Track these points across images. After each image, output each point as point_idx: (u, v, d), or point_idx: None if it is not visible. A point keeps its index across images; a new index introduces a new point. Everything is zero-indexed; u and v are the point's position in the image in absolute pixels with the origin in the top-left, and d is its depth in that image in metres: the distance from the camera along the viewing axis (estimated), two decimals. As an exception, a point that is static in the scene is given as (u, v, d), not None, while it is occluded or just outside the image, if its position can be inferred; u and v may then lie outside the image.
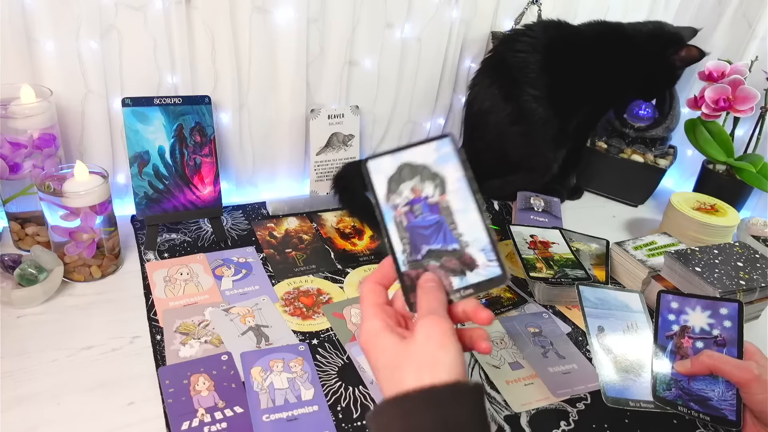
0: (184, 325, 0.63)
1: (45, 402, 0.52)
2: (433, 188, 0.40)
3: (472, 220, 0.39)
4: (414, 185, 0.41)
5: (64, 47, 0.71)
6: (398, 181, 0.41)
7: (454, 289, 0.39)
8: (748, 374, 0.51)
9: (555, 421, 0.56)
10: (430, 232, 0.40)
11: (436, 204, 0.40)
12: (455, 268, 0.39)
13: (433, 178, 0.40)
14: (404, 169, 0.41)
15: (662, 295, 0.63)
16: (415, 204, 0.40)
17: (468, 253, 0.39)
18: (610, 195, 1.08)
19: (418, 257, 0.40)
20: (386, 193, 0.41)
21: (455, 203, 0.39)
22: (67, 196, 0.64)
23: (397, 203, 0.41)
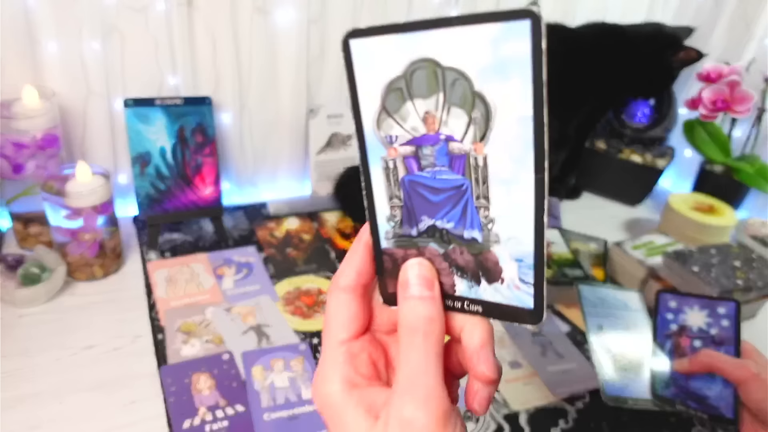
0: (186, 325, 0.64)
1: (47, 401, 0.53)
2: (464, 124, 0.22)
3: (520, 204, 0.22)
4: (430, 109, 0.23)
5: (66, 48, 0.71)
6: (404, 93, 0.23)
7: (455, 294, 0.25)
8: (746, 372, 0.51)
9: (554, 420, 0.57)
10: (442, 199, 0.24)
11: (464, 155, 0.23)
12: (466, 267, 0.25)
13: (471, 105, 0.21)
14: (419, 73, 0.22)
15: (661, 294, 0.63)
16: (425, 145, 0.23)
17: (493, 254, 0.24)
18: (608, 195, 1.08)
19: (413, 232, 0.25)
20: (378, 112, 0.24)
21: (499, 165, 0.22)
22: (70, 196, 0.64)
23: (393, 136, 0.24)
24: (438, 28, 0.21)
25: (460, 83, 0.21)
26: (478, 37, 0.20)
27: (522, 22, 0.19)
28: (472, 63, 0.21)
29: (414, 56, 0.22)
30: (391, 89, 0.23)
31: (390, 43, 0.22)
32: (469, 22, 0.20)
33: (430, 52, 0.21)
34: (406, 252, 0.26)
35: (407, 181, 0.25)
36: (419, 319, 0.24)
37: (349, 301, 0.26)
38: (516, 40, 0.19)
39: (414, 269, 0.25)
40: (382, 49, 0.22)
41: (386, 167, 0.25)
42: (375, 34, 0.22)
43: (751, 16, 1.00)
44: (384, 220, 0.26)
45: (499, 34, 0.20)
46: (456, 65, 0.21)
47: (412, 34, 0.21)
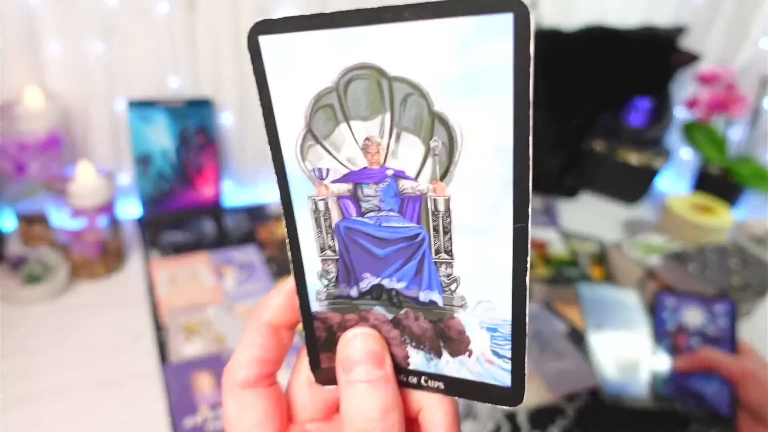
0: (188, 324, 0.64)
1: (49, 399, 0.53)
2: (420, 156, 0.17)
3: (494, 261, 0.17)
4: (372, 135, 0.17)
5: (69, 49, 0.72)
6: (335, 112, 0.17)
7: (409, 368, 0.20)
8: (742, 371, 0.52)
9: (552, 418, 0.57)
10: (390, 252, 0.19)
11: (418, 197, 0.18)
12: (423, 337, 0.20)
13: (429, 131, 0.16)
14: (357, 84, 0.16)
15: (659, 293, 0.64)
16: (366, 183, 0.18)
17: (458, 321, 0.19)
18: (605, 195, 1.09)
19: (352, 292, 0.20)
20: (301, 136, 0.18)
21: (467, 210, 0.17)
22: (73, 196, 0.65)
23: (324, 169, 0.18)
24: (383, 23, 0.15)
25: (415, 100, 0.16)
26: (439, 36, 0.15)
27: (503, 16, 0.14)
28: (431, 72, 0.15)
29: (349, 61, 0.16)
30: (318, 106, 0.17)
31: (316, 42, 0.16)
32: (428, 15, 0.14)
33: (371, 57, 0.16)
34: (344, 318, 0.20)
35: (343, 229, 0.19)
36: (372, 411, 0.18)
37: (254, 399, 0.20)
38: (493, 41, 0.14)
39: (357, 342, 0.19)
40: (305, 49, 0.16)
41: (315, 210, 0.19)
42: (294, 29, 0.16)
43: (747, 18, 1.01)
44: (315, 276, 0.20)
45: (470, 32, 0.14)
46: (408, 75, 0.16)
47: (347, 30, 0.15)
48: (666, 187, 1.15)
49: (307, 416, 0.21)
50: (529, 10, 0.14)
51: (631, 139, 1.05)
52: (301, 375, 0.21)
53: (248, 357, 0.20)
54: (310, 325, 0.21)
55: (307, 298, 0.21)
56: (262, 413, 0.20)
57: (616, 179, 1.06)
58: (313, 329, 0.21)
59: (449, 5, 0.14)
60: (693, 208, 0.90)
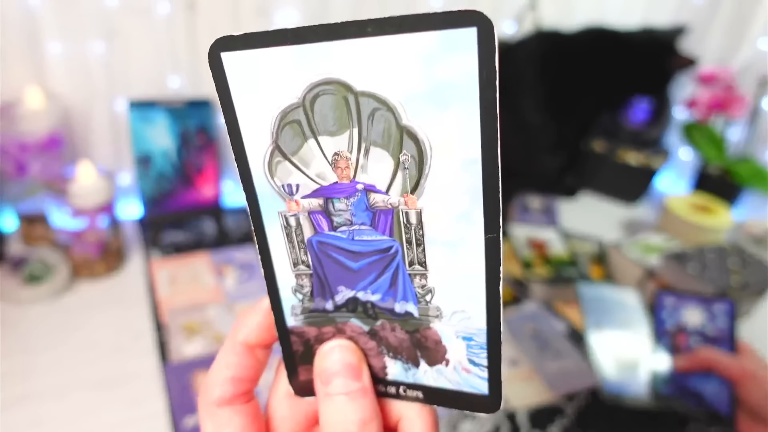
0: (188, 323, 0.64)
1: (50, 398, 0.53)
2: (390, 170, 0.17)
3: (467, 271, 0.18)
4: (341, 149, 0.17)
5: (70, 50, 0.72)
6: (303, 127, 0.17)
7: (387, 379, 0.20)
8: (742, 370, 0.52)
9: (552, 418, 0.57)
10: (363, 265, 0.19)
11: (390, 210, 0.18)
12: (399, 348, 0.20)
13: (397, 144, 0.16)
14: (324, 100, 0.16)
15: (659, 293, 0.64)
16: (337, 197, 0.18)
17: (434, 331, 0.19)
18: (605, 195, 1.09)
19: (327, 305, 0.20)
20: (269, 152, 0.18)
21: (439, 222, 0.17)
22: (73, 196, 0.65)
23: (293, 185, 0.18)
24: (347, 38, 0.15)
25: (382, 115, 0.16)
26: (404, 50, 0.15)
27: (467, 30, 0.14)
28: (398, 87, 0.15)
29: (315, 77, 0.16)
30: (285, 122, 0.17)
31: (280, 57, 0.16)
32: (392, 30, 0.15)
33: (337, 71, 0.16)
34: (320, 331, 0.20)
35: (315, 243, 0.19)
36: (350, 424, 0.18)
37: (231, 417, 0.20)
38: (458, 54, 0.14)
39: (334, 354, 0.19)
40: (269, 65, 0.16)
41: (287, 225, 0.19)
42: (258, 45, 0.16)
43: (746, 18, 1.01)
44: (289, 291, 0.20)
45: (435, 46, 0.14)
46: (375, 90, 0.16)
47: (311, 45, 0.15)
48: (665, 187, 1.15)
49: (286, 429, 0.21)
50: (492, 23, 0.14)
51: (630, 139, 1.05)
52: (279, 389, 0.21)
53: (223, 376, 0.20)
54: (286, 340, 0.21)
55: (283, 314, 0.21)
56: (239, 430, 0.20)
57: (616, 179, 1.06)
58: (290, 343, 0.21)
59: (413, 20, 0.14)
60: (692, 208, 0.90)
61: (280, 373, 0.22)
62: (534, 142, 0.93)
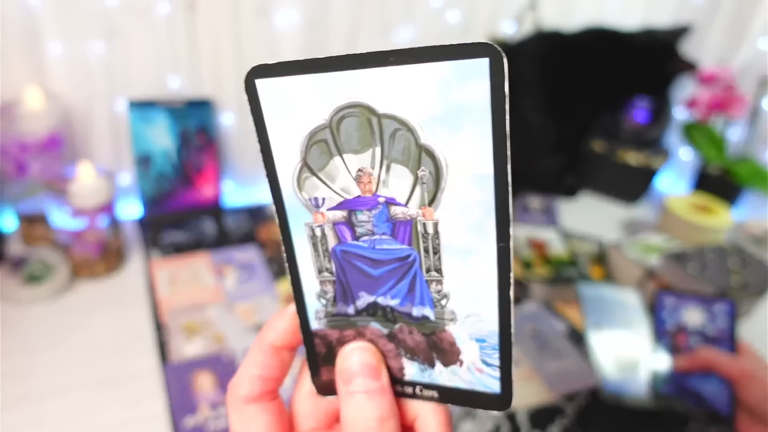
0: (188, 323, 0.64)
1: (50, 398, 0.53)
2: (409, 185, 0.18)
3: (480, 277, 0.19)
4: (364, 166, 0.19)
5: (70, 50, 0.72)
6: (329, 146, 0.19)
7: (405, 379, 0.21)
8: (742, 370, 0.52)
9: (552, 418, 0.57)
10: (384, 272, 0.20)
11: (409, 222, 0.19)
12: (417, 349, 0.21)
13: (416, 162, 0.18)
14: (349, 122, 0.18)
15: (659, 293, 0.64)
16: (360, 210, 0.20)
17: (449, 334, 0.20)
18: (605, 195, 1.09)
19: (349, 310, 0.21)
20: (297, 169, 0.20)
21: (454, 232, 0.19)
22: (74, 196, 0.65)
23: (320, 198, 0.20)
24: (371, 67, 0.17)
25: (402, 135, 0.18)
26: (423, 78, 0.16)
27: (479, 60, 0.16)
28: (417, 110, 0.17)
29: (341, 101, 0.18)
30: (313, 141, 0.19)
31: (309, 83, 0.18)
32: (411, 60, 0.16)
33: (362, 96, 0.17)
34: (342, 334, 0.22)
35: (339, 252, 0.20)
36: (370, 420, 0.19)
37: (257, 413, 0.21)
38: (471, 82, 0.16)
39: (355, 356, 0.21)
40: (299, 91, 0.18)
41: (313, 235, 0.20)
42: (289, 73, 0.18)
43: (746, 18, 1.01)
44: (313, 297, 0.21)
45: (451, 74, 0.16)
46: (396, 112, 0.17)
47: (338, 74, 0.17)
48: (665, 187, 1.15)
49: (309, 426, 0.22)
50: (503, 55, 0.16)
51: (630, 139, 1.05)
52: (303, 388, 0.23)
53: (251, 374, 0.21)
54: (310, 342, 0.22)
55: (307, 317, 0.22)
56: (266, 426, 0.21)
57: (616, 179, 1.06)
58: (314, 345, 0.22)
59: (430, 51, 0.16)
60: (692, 208, 0.90)
61: (303, 373, 0.23)
62: (534, 142, 0.93)
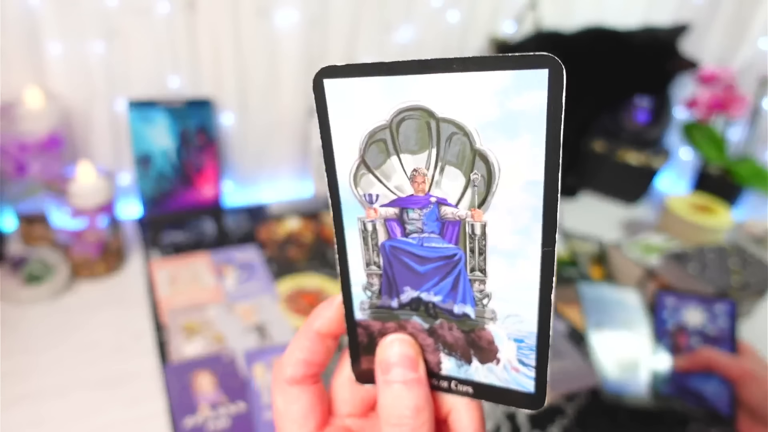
0: (188, 323, 0.64)
1: (50, 398, 0.53)
2: (461, 187, 0.19)
3: (523, 279, 0.19)
4: (420, 166, 0.19)
5: (70, 50, 0.72)
6: (387, 146, 0.19)
7: (441, 373, 0.22)
8: (742, 370, 0.52)
9: (552, 418, 0.57)
10: (429, 269, 0.21)
11: (457, 222, 0.20)
12: (455, 345, 0.22)
13: (470, 165, 0.19)
14: (408, 123, 0.19)
15: (659, 293, 0.64)
16: (412, 208, 0.20)
17: (488, 333, 0.21)
18: (605, 195, 1.09)
19: (393, 304, 0.22)
20: (355, 165, 0.20)
21: (501, 235, 0.19)
22: (73, 196, 0.65)
23: (374, 195, 0.21)
24: (434, 72, 0.18)
25: (458, 139, 0.18)
26: (483, 85, 0.17)
27: (539, 71, 0.16)
28: (474, 115, 0.18)
29: (402, 103, 0.18)
30: (372, 140, 0.19)
31: (373, 85, 0.18)
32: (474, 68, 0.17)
33: (422, 100, 0.18)
34: (384, 325, 0.22)
35: (388, 247, 0.21)
36: (405, 409, 0.20)
37: (299, 394, 0.22)
38: (530, 91, 0.17)
39: (395, 347, 0.21)
40: (363, 92, 0.19)
41: (364, 230, 0.21)
42: (356, 75, 0.19)
43: (746, 18, 1.01)
44: (360, 288, 0.22)
45: (510, 83, 0.17)
46: (454, 117, 0.18)
47: (401, 77, 0.18)
48: (665, 187, 1.15)
49: (346, 411, 0.24)
50: (563, 67, 0.16)
51: (630, 139, 1.05)
52: (343, 374, 0.24)
53: (296, 358, 0.23)
54: (353, 331, 0.23)
55: (352, 307, 0.23)
56: (306, 407, 0.22)
57: (616, 179, 1.06)
58: (356, 334, 0.23)
59: (493, 60, 0.17)
60: (692, 208, 0.90)
61: (344, 361, 0.24)
62: None
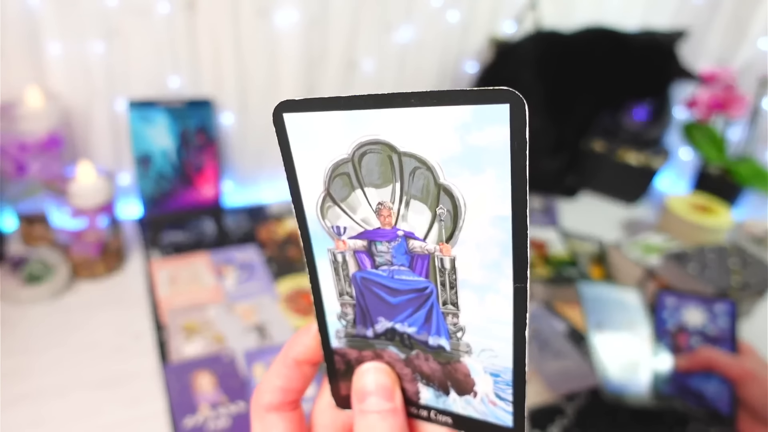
0: (188, 323, 0.64)
1: (50, 398, 0.53)
2: (427, 221, 0.19)
3: (496, 313, 0.19)
4: (384, 200, 0.19)
5: (70, 50, 0.72)
6: (351, 179, 0.19)
7: (420, 403, 0.22)
8: (742, 370, 0.52)
9: (552, 418, 0.57)
10: (401, 301, 0.21)
11: (426, 255, 0.19)
12: (432, 376, 0.21)
13: (435, 199, 0.18)
14: (370, 157, 0.18)
15: (659, 293, 0.64)
16: (380, 240, 0.20)
17: (464, 365, 0.20)
18: (605, 195, 1.09)
19: (368, 333, 0.22)
20: (321, 198, 0.20)
21: (470, 269, 0.19)
22: (73, 196, 0.65)
23: (341, 227, 0.20)
24: (393, 107, 0.17)
25: (422, 173, 0.18)
26: (443, 120, 0.17)
27: (500, 106, 0.16)
28: (436, 150, 0.17)
29: (363, 137, 0.18)
30: (336, 173, 0.19)
31: (334, 120, 0.18)
32: (432, 103, 0.16)
33: (383, 134, 0.18)
34: (361, 353, 0.22)
35: (359, 278, 0.21)
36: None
37: (277, 421, 0.22)
38: (491, 126, 0.16)
39: (370, 376, 0.21)
40: (323, 125, 0.19)
41: (335, 260, 0.21)
42: (315, 109, 0.18)
43: (746, 18, 1.01)
44: (334, 317, 0.22)
45: (470, 118, 0.16)
46: (415, 151, 0.17)
47: (361, 111, 0.18)
48: (665, 187, 1.15)
49: None
50: (524, 101, 0.15)
51: (630, 139, 1.05)
52: (323, 400, 0.24)
53: (274, 385, 0.23)
54: (330, 358, 0.23)
55: (328, 335, 0.23)
56: None
57: (616, 179, 1.06)
58: (334, 362, 0.23)
59: (452, 95, 0.16)
60: (692, 208, 0.90)
61: (324, 387, 0.24)
62: (533, 144, 0.93)
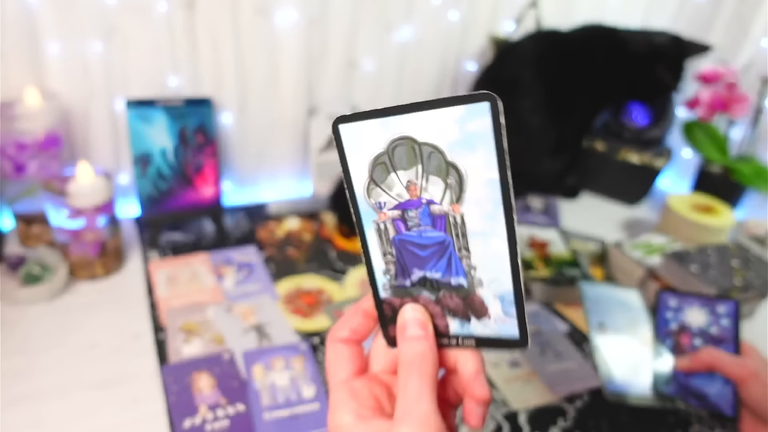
0: (187, 324, 0.64)
1: (49, 399, 0.53)
2: (441, 189, 0.26)
3: (496, 251, 0.26)
4: (411, 179, 0.27)
5: (68, 49, 0.72)
6: (387, 166, 0.27)
7: (450, 334, 0.29)
8: (745, 371, 0.52)
9: (553, 419, 0.57)
10: (429, 253, 0.28)
11: (443, 215, 0.27)
12: (457, 309, 0.29)
13: (445, 173, 0.26)
14: (399, 149, 0.26)
15: (661, 293, 0.64)
16: (410, 209, 0.27)
17: (478, 296, 0.28)
18: (606, 195, 1.08)
19: (406, 283, 0.29)
20: (367, 182, 0.28)
21: (474, 221, 0.26)
22: (72, 196, 0.64)
23: (382, 202, 0.28)
24: (412, 112, 0.25)
25: (435, 156, 0.25)
26: (446, 117, 0.24)
27: (482, 104, 0.23)
28: (444, 138, 0.25)
29: (394, 135, 0.26)
30: (377, 163, 0.27)
31: (373, 125, 0.26)
32: (438, 106, 0.24)
33: (407, 131, 0.26)
34: (402, 300, 0.30)
35: (397, 240, 0.29)
36: (415, 355, 0.28)
37: (343, 349, 0.31)
38: (478, 118, 0.24)
39: (409, 313, 0.29)
40: (366, 130, 0.26)
41: (378, 229, 0.29)
42: (360, 119, 0.26)
43: (747, 16, 1.00)
44: (381, 273, 0.30)
45: (464, 114, 0.24)
46: (430, 141, 0.25)
47: (391, 117, 0.26)
48: (667, 186, 1.15)
49: (379, 368, 0.31)
50: (497, 99, 0.23)
51: (632, 138, 1.05)
52: (378, 341, 0.31)
53: (348, 326, 0.31)
54: (380, 307, 0.30)
55: (377, 289, 0.30)
56: (348, 357, 0.30)
57: (617, 179, 1.06)
58: (383, 309, 0.30)
59: (450, 100, 0.24)
60: (694, 208, 0.89)
61: (378, 333, 0.32)
62: (534, 144, 0.93)
